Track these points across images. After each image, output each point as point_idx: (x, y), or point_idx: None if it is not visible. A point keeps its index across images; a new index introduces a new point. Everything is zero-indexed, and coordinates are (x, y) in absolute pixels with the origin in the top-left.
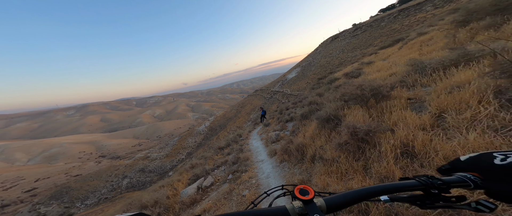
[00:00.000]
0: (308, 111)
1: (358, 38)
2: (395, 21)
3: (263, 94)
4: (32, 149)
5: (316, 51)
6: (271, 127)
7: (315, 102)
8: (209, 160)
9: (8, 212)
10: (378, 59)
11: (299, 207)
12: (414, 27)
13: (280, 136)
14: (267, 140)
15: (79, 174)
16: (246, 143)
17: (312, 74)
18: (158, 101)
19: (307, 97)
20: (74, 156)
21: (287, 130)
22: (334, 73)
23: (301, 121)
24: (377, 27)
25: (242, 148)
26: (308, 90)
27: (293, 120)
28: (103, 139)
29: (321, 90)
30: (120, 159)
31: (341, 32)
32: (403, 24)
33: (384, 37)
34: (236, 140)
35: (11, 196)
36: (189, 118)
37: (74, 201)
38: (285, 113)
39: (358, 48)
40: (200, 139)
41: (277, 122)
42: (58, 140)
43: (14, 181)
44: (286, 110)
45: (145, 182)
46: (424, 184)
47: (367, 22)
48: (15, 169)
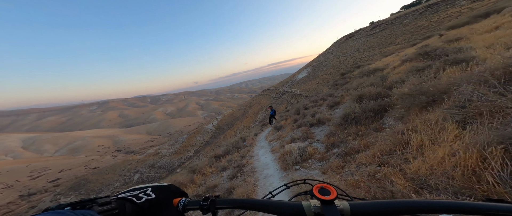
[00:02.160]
0: (370, 110)
1: (376, 36)
2: (421, 17)
3: (271, 94)
4: (59, 141)
5: (329, 51)
6: (285, 131)
7: (375, 95)
8: (196, 177)
9: (33, 200)
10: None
11: (316, 206)
12: (445, 23)
13: (307, 151)
14: (283, 157)
15: (96, 166)
16: (250, 154)
17: (324, 74)
18: (170, 99)
19: (331, 94)
20: (94, 150)
21: (316, 140)
22: (368, 66)
23: (345, 126)
24: (399, 25)
25: (242, 165)
26: (329, 87)
27: (323, 124)
28: (119, 134)
29: (355, 84)
30: (133, 153)
31: (357, 31)
32: (431, 21)
33: (408, 34)
34: (238, 146)
35: (37, 185)
36: (198, 116)
37: (90, 193)
38: (305, 114)
39: (376, 47)
40: (208, 137)
41: (294, 125)
42: (81, 134)
43: (41, 171)
44: (304, 109)
45: (154, 178)
46: None
47: (388, 19)
48: (43, 159)
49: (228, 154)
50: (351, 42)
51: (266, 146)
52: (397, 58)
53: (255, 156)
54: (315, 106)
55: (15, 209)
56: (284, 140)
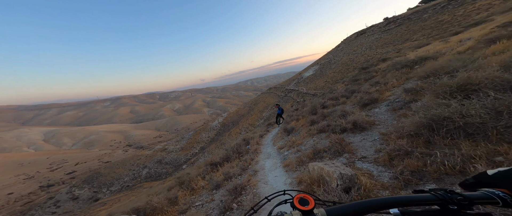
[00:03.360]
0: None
1: (390, 33)
2: (443, 11)
3: (277, 92)
4: (76, 135)
5: (338, 48)
6: (299, 136)
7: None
8: (181, 195)
9: (52, 191)
10: None
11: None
12: (472, 16)
13: (357, 183)
14: (311, 188)
15: (109, 161)
16: (253, 166)
17: (332, 73)
18: (178, 96)
19: (355, 90)
20: (107, 144)
21: (360, 157)
22: (398, 58)
23: (429, 139)
24: (417, 20)
25: (241, 186)
26: (345, 82)
27: (364, 130)
28: (130, 130)
29: (390, 77)
30: (143, 149)
31: (369, 27)
32: (455, 14)
33: (427, 30)
34: (239, 150)
35: (55, 177)
36: (204, 113)
37: (102, 186)
38: (325, 114)
39: (390, 43)
40: (213, 134)
41: (311, 129)
42: (96, 128)
43: (59, 163)
44: (322, 108)
45: (161, 173)
46: (441, 199)
47: (404, 14)
48: (62, 152)
49: (227, 160)
50: (363, 39)
51: (275, 155)
52: (447, 45)
53: (260, 171)
54: (336, 104)
55: (35, 199)
56: (300, 150)
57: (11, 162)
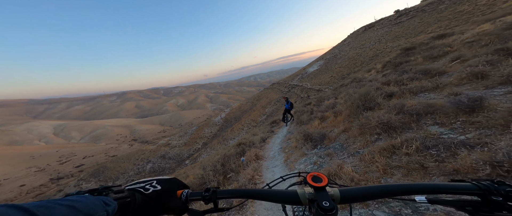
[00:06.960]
0: None
1: (402, 25)
2: (463, 1)
3: (280, 88)
4: (84, 129)
5: (344, 43)
6: (347, 153)
7: None
8: None
9: (61, 184)
10: None
11: (310, 193)
12: (498, 5)
13: None
14: None
15: (115, 155)
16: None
17: (338, 67)
18: (181, 91)
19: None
20: (113, 138)
21: None
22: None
23: None
24: (432, 11)
25: None
26: (380, 68)
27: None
28: (136, 124)
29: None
30: (147, 143)
31: (378, 21)
32: (477, 4)
33: (444, 21)
34: (230, 166)
35: (65, 170)
36: (207, 108)
37: (108, 180)
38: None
39: (402, 36)
40: (216, 130)
41: (369, 140)
42: (102, 122)
43: (68, 157)
44: (382, 97)
45: (165, 168)
46: (484, 189)
47: (417, 6)
48: (70, 145)
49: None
50: (371, 33)
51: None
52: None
53: None
54: (404, 91)
55: (46, 191)
56: None
57: (23, 155)
